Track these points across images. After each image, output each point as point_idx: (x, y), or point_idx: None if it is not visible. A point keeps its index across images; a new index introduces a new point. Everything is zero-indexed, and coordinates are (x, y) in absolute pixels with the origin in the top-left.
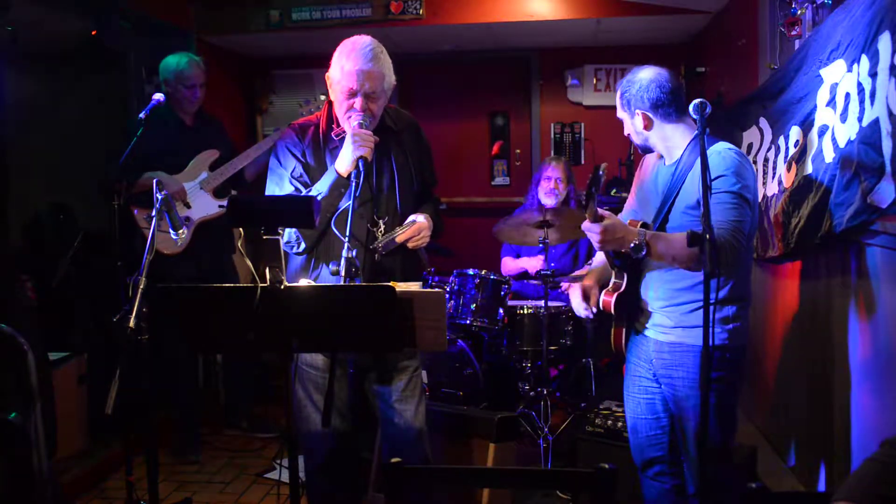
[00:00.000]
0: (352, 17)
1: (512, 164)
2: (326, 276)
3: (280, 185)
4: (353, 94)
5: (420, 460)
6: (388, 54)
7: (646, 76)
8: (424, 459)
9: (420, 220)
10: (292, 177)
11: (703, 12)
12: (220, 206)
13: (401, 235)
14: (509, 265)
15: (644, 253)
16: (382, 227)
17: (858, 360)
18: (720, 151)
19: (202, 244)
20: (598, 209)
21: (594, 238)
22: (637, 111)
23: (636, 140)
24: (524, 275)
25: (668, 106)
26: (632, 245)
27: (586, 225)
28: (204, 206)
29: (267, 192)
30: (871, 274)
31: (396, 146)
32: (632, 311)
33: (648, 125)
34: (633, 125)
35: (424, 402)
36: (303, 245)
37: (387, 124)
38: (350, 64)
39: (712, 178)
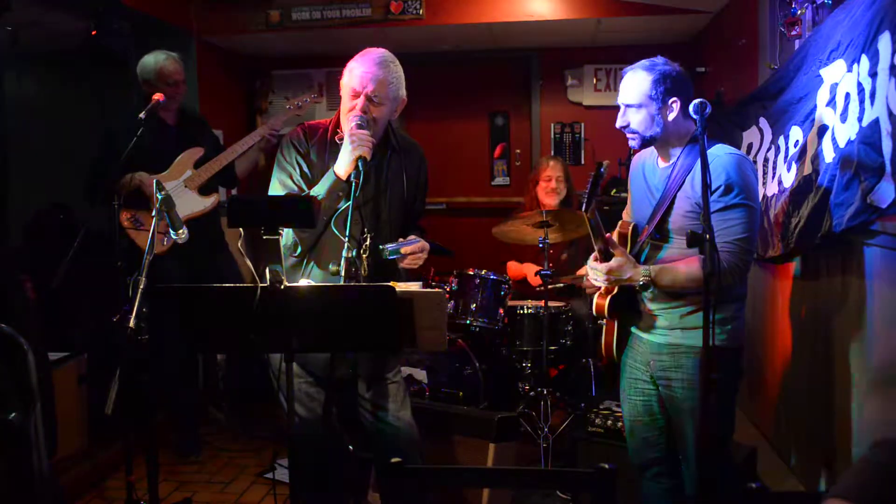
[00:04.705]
0: (352, 17)
1: (512, 164)
2: (317, 276)
3: (280, 177)
4: (356, 96)
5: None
6: (402, 69)
7: (678, 66)
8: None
9: (423, 242)
10: (294, 170)
11: (703, 12)
12: (222, 204)
13: (407, 247)
14: (514, 269)
15: (652, 288)
16: (369, 239)
17: (858, 359)
18: (720, 157)
19: (190, 243)
20: (608, 237)
21: (599, 278)
22: (675, 98)
23: (647, 131)
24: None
25: (690, 100)
26: (640, 284)
27: (591, 265)
28: (188, 203)
29: (271, 184)
30: (871, 274)
31: (395, 164)
32: (627, 314)
33: (675, 116)
34: (657, 113)
35: (409, 405)
36: (299, 249)
37: (389, 141)
38: (358, 66)
39: (713, 188)
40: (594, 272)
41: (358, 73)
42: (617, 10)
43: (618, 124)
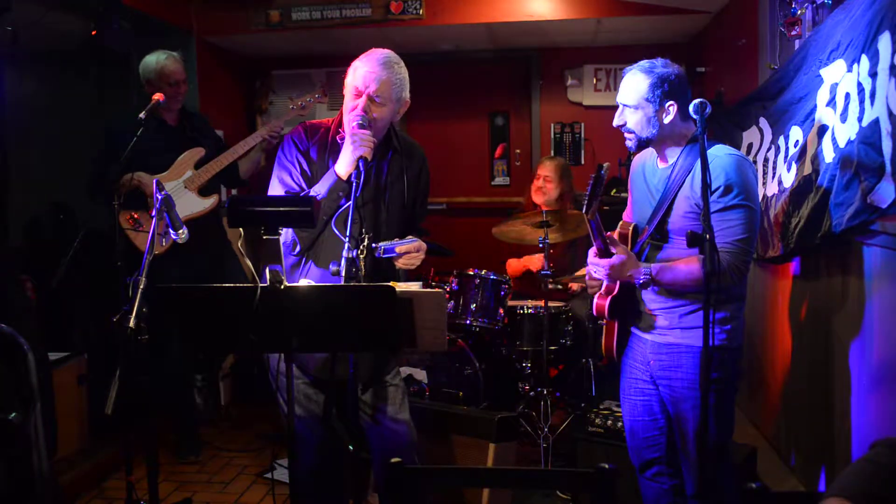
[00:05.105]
0: (352, 17)
1: (512, 164)
2: (315, 275)
3: (280, 174)
4: (358, 95)
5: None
6: (406, 70)
7: (677, 69)
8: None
9: (420, 242)
10: (293, 168)
11: (703, 12)
12: (222, 204)
13: (401, 246)
14: (514, 265)
15: (652, 288)
16: (366, 240)
17: (858, 359)
18: (719, 157)
19: (190, 243)
20: (609, 235)
21: (600, 273)
22: (671, 102)
23: (644, 133)
24: (528, 274)
25: (688, 102)
26: (640, 282)
27: (592, 260)
28: (188, 204)
29: (270, 182)
30: (871, 274)
31: (395, 165)
32: (627, 314)
33: (671, 119)
34: (653, 115)
35: (407, 407)
36: (298, 247)
37: (391, 142)
38: (362, 65)
39: (713, 189)
40: (595, 267)
41: (361, 73)
42: (617, 10)
43: (615, 123)
